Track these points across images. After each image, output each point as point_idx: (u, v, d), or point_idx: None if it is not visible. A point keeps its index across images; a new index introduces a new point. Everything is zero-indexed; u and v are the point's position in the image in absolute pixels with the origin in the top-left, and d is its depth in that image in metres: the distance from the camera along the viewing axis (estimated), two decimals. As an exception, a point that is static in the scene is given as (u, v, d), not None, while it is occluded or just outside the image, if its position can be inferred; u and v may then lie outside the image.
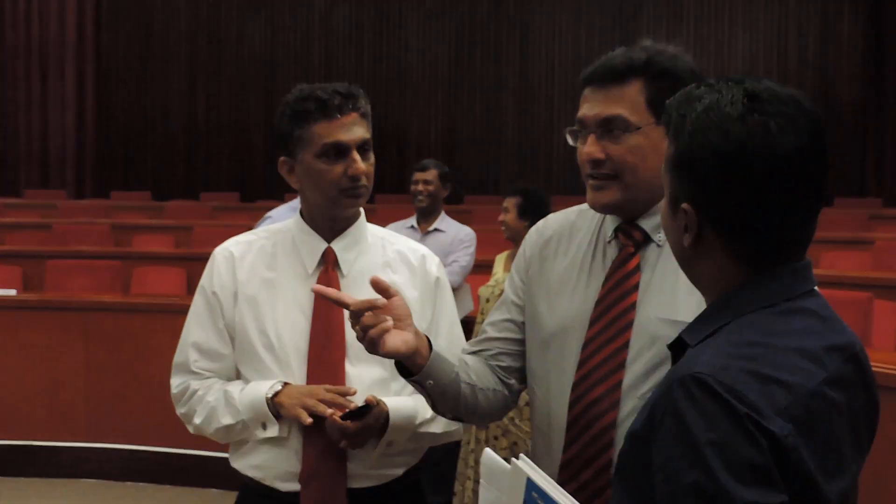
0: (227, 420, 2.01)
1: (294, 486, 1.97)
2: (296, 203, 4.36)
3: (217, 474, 5.25)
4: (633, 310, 1.67)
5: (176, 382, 2.11)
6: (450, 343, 2.08)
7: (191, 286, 6.83)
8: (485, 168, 12.61)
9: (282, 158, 2.05)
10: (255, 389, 1.98)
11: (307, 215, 2.09)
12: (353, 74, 13.23)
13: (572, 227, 1.82)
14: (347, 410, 1.90)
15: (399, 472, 2.06)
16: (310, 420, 1.90)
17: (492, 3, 12.86)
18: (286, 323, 2.01)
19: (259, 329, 2.01)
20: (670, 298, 1.65)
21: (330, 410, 1.88)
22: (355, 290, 2.00)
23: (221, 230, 8.66)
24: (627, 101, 1.65)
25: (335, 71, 13.26)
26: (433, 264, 2.14)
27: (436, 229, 4.78)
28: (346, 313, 1.96)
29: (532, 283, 1.82)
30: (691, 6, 12.59)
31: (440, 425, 2.05)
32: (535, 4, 12.82)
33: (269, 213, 4.31)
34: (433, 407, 1.77)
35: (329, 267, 2.04)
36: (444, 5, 12.96)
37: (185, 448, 5.31)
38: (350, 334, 1.96)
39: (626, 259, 1.71)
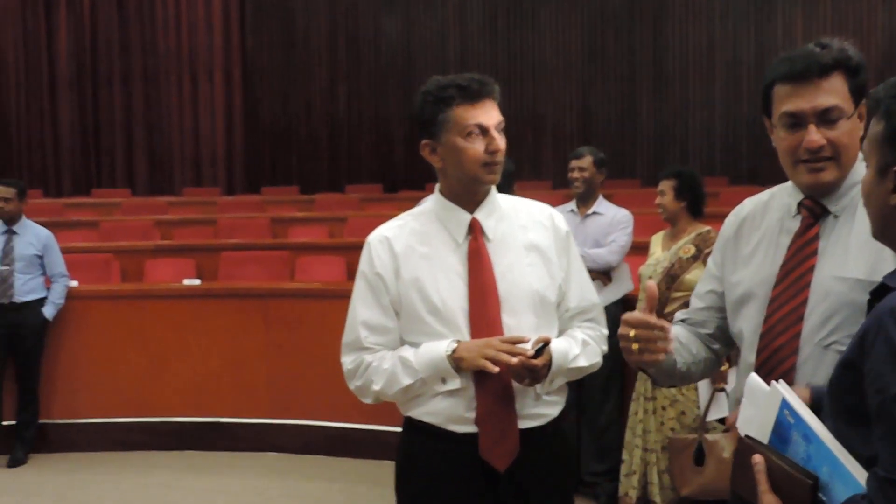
0: (406, 381, 2.27)
1: (468, 428, 2.26)
2: None
3: (389, 446, 5.60)
4: (812, 272, 1.95)
5: (349, 359, 2.38)
6: (580, 287, 2.41)
7: (350, 273, 7.22)
8: (620, 152, 12.68)
9: (424, 141, 2.33)
10: (431, 350, 2.25)
11: (448, 192, 2.36)
12: (489, 65, 13.48)
13: (765, 207, 2.13)
14: (535, 349, 2.18)
15: (555, 412, 2.35)
16: (496, 369, 2.17)
17: (624, -12, 12.92)
18: (447, 288, 2.29)
19: (423, 298, 2.29)
20: (842, 260, 1.92)
21: (515, 359, 2.16)
22: (501, 252, 2.32)
23: (372, 220, 9.02)
24: (837, 92, 1.92)
25: (471, 62, 13.53)
26: (560, 220, 2.43)
27: (594, 212, 5.00)
28: (497, 273, 2.29)
29: (727, 255, 2.14)
30: (829, -19, 12.36)
31: (586, 359, 2.36)
32: (668, -13, 12.82)
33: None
34: (654, 383, 2.16)
35: (477, 234, 2.32)
36: (576, -7, 13.10)
37: (359, 423, 5.70)
38: (503, 290, 2.28)
39: (807, 229, 2.00)
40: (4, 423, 5.83)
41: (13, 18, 14.32)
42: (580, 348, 2.35)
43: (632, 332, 1.92)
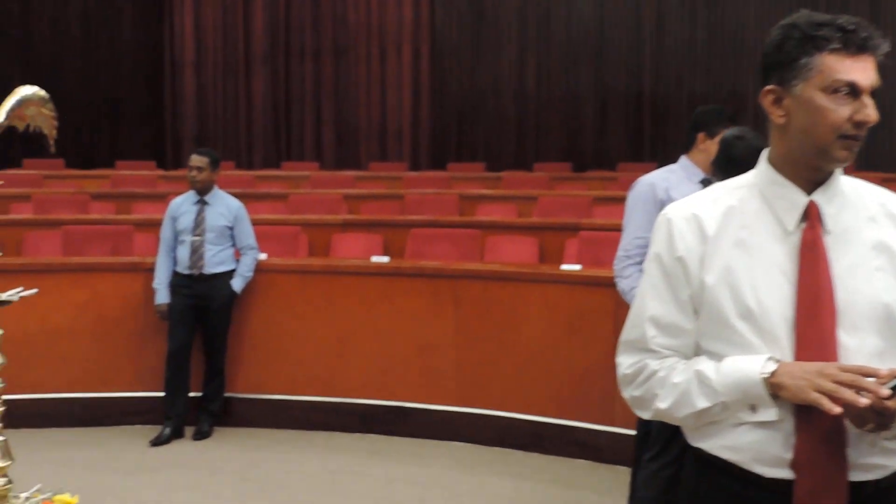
0: (702, 403, 1.79)
1: (781, 473, 1.75)
2: (673, 166, 4.10)
3: (584, 445, 5.20)
4: None
5: (629, 362, 1.91)
6: None
7: (542, 255, 6.85)
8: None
9: (770, 87, 1.79)
10: (739, 367, 1.75)
11: (781, 161, 1.82)
12: (686, 41, 12.81)
13: None
14: (891, 385, 1.64)
15: (895, 464, 1.78)
16: (838, 409, 1.64)
17: (842, -43, 11.92)
18: (768, 288, 1.77)
19: (734, 296, 1.78)
20: None
21: (865, 400, 1.63)
22: (841, 248, 1.78)
23: (562, 199, 8.68)
24: None
25: (667, 39, 12.89)
26: None
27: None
28: (835, 275, 1.75)
29: None
30: None
31: None
32: (892, -45, 11.73)
33: (644, 178, 4.08)
34: None
35: (814, 222, 1.79)
36: (787, -37, 12.18)
37: (553, 417, 5.30)
38: (840, 298, 1.74)
39: None
40: (191, 394, 5.75)
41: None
42: None
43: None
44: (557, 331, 5.28)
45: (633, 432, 4.19)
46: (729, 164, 3.40)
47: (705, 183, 3.84)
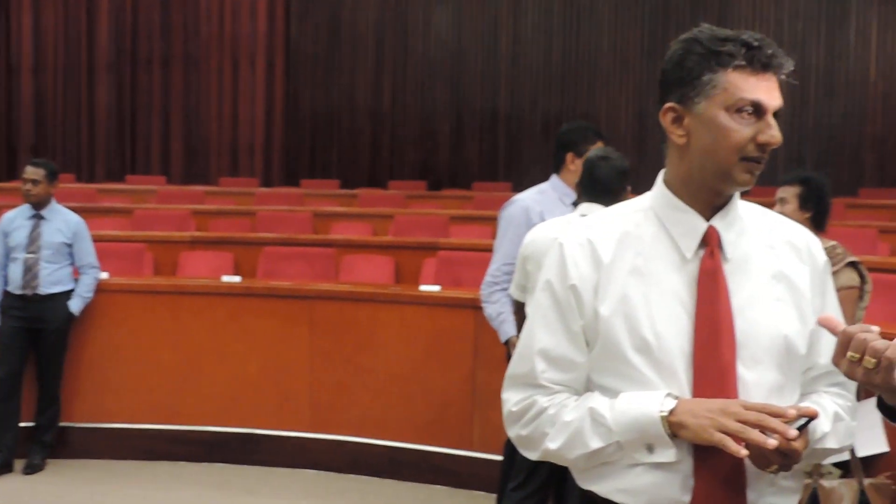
0: (595, 444, 1.68)
1: None
2: (544, 186, 4.06)
3: (444, 471, 5.08)
4: None
5: (516, 398, 1.78)
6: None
7: (398, 275, 6.71)
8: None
9: (669, 104, 1.70)
10: (636, 405, 1.65)
11: (679, 184, 1.73)
12: (542, 61, 12.96)
13: None
14: (798, 426, 1.58)
15: (793, 502, 1.74)
16: (745, 452, 1.55)
17: (688, -16, 12.34)
18: (665, 319, 1.68)
19: (630, 328, 1.68)
20: None
21: (773, 441, 1.55)
22: (740, 277, 1.71)
23: (418, 218, 8.57)
24: None
25: (523, 57, 13.02)
26: (817, 247, 1.81)
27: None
28: (735, 305, 1.67)
29: None
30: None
31: (836, 440, 1.74)
32: (735, -14, 12.22)
33: (517, 200, 4.02)
34: None
35: (714, 249, 1.71)
36: (637, -12, 12.53)
37: (410, 442, 5.17)
38: (740, 330, 1.67)
39: None
40: (22, 424, 5.34)
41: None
42: (830, 424, 1.72)
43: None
44: (415, 353, 5.15)
45: (492, 457, 4.12)
46: (593, 186, 3.34)
47: (576, 204, 3.78)
